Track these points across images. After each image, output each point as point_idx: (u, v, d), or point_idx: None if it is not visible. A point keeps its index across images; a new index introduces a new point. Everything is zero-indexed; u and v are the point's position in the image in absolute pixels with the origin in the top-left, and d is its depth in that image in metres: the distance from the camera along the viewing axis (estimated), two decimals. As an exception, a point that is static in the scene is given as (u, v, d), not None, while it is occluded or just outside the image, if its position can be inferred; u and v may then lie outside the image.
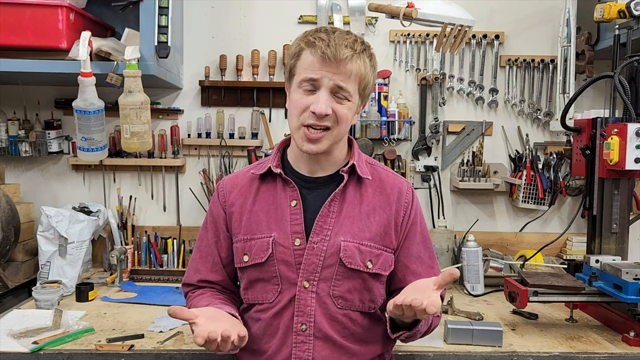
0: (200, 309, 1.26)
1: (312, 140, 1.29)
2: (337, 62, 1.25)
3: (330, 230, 1.34)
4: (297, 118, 1.30)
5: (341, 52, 1.25)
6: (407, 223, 1.41)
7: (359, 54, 1.29)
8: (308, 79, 1.28)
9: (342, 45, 1.25)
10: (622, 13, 2.02)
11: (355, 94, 1.31)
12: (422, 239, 1.44)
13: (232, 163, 2.57)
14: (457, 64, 2.60)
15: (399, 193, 1.41)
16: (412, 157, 2.61)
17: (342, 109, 1.29)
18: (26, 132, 2.47)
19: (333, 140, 1.32)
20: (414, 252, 1.41)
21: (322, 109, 1.26)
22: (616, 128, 1.81)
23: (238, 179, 1.46)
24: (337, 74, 1.27)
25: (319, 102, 1.26)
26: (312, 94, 1.28)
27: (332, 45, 1.25)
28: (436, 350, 1.66)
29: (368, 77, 1.33)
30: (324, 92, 1.27)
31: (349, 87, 1.28)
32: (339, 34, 1.28)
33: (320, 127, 1.29)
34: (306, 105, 1.28)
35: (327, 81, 1.27)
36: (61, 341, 1.65)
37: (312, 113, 1.27)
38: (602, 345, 1.73)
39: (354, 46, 1.27)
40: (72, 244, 2.24)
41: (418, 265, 1.41)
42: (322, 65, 1.26)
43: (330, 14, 2.55)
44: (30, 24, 2.03)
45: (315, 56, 1.27)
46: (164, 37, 2.10)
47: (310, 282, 1.33)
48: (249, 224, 1.38)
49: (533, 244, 2.55)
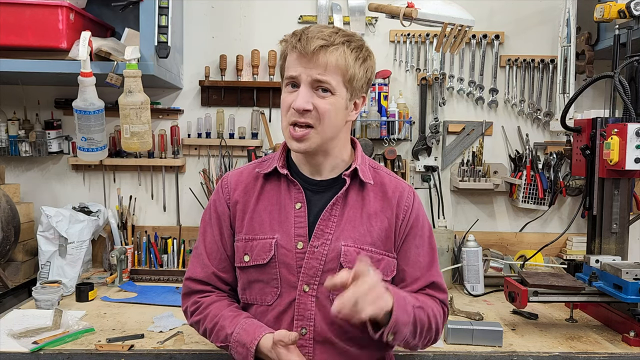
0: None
1: (296, 138, 1.29)
2: (309, 55, 1.24)
3: (332, 235, 1.33)
4: (285, 117, 1.31)
5: (312, 45, 1.23)
6: (406, 227, 1.39)
7: (336, 45, 1.25)
8: (289, 77, 1.28)
9: (314, 38, 1.24)
10: (622, 13, 2.02)
11: (339, 86, 1.28)
12: (422, 242, 1.41)
13: (232, 163, 2.57)
14: (457, 64, 2.60)
15: (399, 197, 1.39)
16: (412, 157, 2.61)
17: (324, 104, 1.27)
18: (26, 132, 2.47)
19: (321, 139, 1.29)
20: (412, 255, 1.39)
21: (300, 104, 1.25)
22: (616, 128, 1.81)
23: (243, 176, 1.43)
24: (312, 68, 1.25)
25: (297, 98, 1.26)
26: (295, 91, 1.28)
27: (304, 39, 1.24)
28: (436, 350, 1.66)
29: (353, 70, 1.28)
30: (303, 87, 1.27)
31: (328, 79, 1.26)
32: (315, 28, 1.27)
33: (302, 123, 1.27)
34: (289, 103, 1.28)
35: (304, 77, 1.26)
36: (61, 341, 1.65)
37: (294, 110, 1.27)
38: (602, 345, 1.73)
39: (329, 38, 1.25)
40: (72, 244, 2.24)
41: (415, 268, 1.39)
42: (299, 61, 1.26)
43: (330, 14, 2.55)
44: (30, 24, 2.03)
45: (293, 54, 1.27)
46: (164, 37, 2.10)
47: (311, 286, 1.32)
48: (252, 223, 1.37)
49: (533, 244, 2.55)
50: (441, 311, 1.39)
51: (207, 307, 1.38)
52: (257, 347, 1.27)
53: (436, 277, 1.41)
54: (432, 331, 1.35)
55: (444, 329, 1.73)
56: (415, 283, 1.39)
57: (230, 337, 1.30)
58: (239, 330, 1.30)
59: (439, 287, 1.41)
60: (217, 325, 1.34)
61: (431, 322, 1.33)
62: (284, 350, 1.25)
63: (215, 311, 1.37)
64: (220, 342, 1.34)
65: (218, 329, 1.33)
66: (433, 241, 1.44)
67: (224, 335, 1.32)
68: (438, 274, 1.42)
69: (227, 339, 1.31)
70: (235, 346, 1.29)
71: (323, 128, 1.28)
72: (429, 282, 1.39)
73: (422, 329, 1.31)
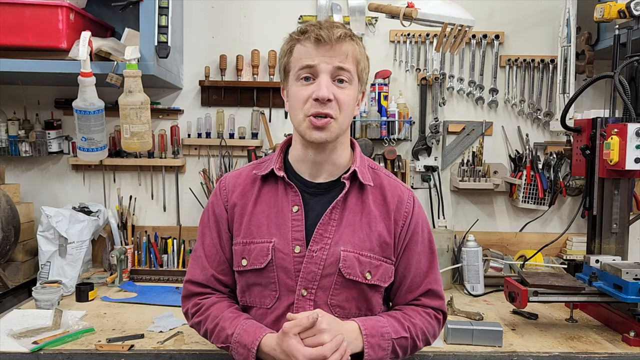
0: None
1: (318, 127, 1.27)
2: (332, 43, 1.25)
3: (331, 239, 1.32)
4: (301, 110, 1.28)
5: (335, 32, 1.25)
6: (407, 234, 1.38)
7: (352, 37, 1.29)
8: (305, 66, 1.27)
9: (333, 27, 1.26)
10: (622, 13, 2.02)
11: (354, 76, 1.30)
12: (423, 249, 1.41)
13: (232, 163, 2.57)
14: (457, 64, 2.60)
15: (399, 202, 1.38)
16: (412, 157, 2.61)
17: (343, 95, 1.28)
18: (26, 132, 2.47)
19: (339, 130, 1.30)
20: (413, 263, 1.39)
21: (324, 92, 1.24)
22: (616, 128, 1.81)
23: (240, 179, 1.43)
24: (334, 56, 1.26)
25: (320, 87, 1.25)
26: (312, 83, 1.27)
27: (325, 28, 1.25)
28: (436, 350, 1.66)
29: (364, 62, 1.32)
30: (324, 76, 1.26)
31: (349, 67, 1.27)
32: (327, 21, 1.29)
33: (323, 114, 1.27)
34: (308, 95, 1.27)
35: (325, 66, 1.26)
36: (61, 341, 1.65)
37: (315, 100, 1.26)
38: (602, 345, 1.73)
39: (345, 28, 1.28)
40: (72, 244, 2.24)
41: (415, 276, 1.39)
42: (318, 50, 1.26)
43: (330, 14, 2.55)
44: (30, 24, 2.03)
45: (309, 43, 1.26)
46: (164, 37, 2.10)
47: (309, 290, 1.31)
48: (249, 226, 1.36)
49: (533, 244, 2.55)
50: (434, 322, 1.40)
51: (207, 309, 1.38)
52: (259, 347, 1.26)
53: (433, 284, 1.41)
54: (418, 347, 1.38)
55: (444, 329, 1.74)
56: (414, 291, 1.40)
57: (231, 337, 1.30)
58: (240, 331, 1.30)
59: (436, 294, 1.41)
60: (218, 327, 1.34)
61: (417, 342, 1.36)
62: (295, 340, 1.20)
63: (216, 312, 1.37)
64: (220, 343, 1.34)
65: (219, 330, 1.33)
66: (433, 245, 1.44)
67: (224, 336, 1.32)
68: (435, 280, 1.42)
69: (227, 340, 1.31)
70: (236, 347, 1.29)
71: (343, 119, 1.30)
72: (426, 289, 1.40)
73: (404, 352, 1.34)
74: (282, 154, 1.42)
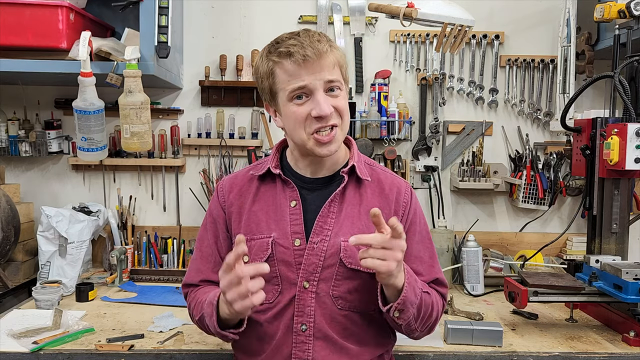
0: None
1: (325, 143, 1.29)
2: (319, 59, 1.25)
3: (331, 231, 1.34)
4: (303, 130, 1.29)
5: (318, 47, 1.25)
6: (406, 223, 1.40)
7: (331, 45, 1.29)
8: (297, 88, 1.26)
9: (314, 41, 1.26)
10: (622, 13, 2.02)
11: (342, 79, 1.32)
12: (422, 238, 1.43)
13: (232, 163, 2.57)
14: (457, 64, 2.60)
15: (397, 193, 1.41)
16: (412, 157, 2.61)
17: (340, 102, 1.30)
18: (26, 132, 2.47)
19: (343, 135, 1.34)
20: (414, 251, 1.41)
21: (325, 110, 1.26)
22: (616, 128, 1.81)
23: (237, 180, 1.45)
24: (322, 71, 1.26)
25: (319, 105, 1.26)
26: (307, 101, 1.28)
27: (307, 45, 1.24)
28: (436, 350, 1.67)
29: (345, 63, 1.34)
30: (320, 94, 1.27)
31: (337, 77, 1.29)
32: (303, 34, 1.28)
33: (328, 127, 1.28)
34: (306, 112, 1.27)
35: (317, 83, 1.26)
36: (61, 341, 1.65)
37: (316, 118, 1.27)
38: (602, 345, 1.73)
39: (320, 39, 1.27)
40: (72, 244, 2.24)
41: (418, 264, 1.40)
42: (306, 69, 1.25)
43: (330, 14, 2.56)
44: (30, 24, 2.03)
45: (295, 64, 1.25)
46: (164, 37, 2.10)
47: (310, 282, 1.32)
48: (249, 224, 1.38)
49: (533, 244, 2.55)
50: (442, 302, 1.42)
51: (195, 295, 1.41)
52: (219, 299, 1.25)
53: (438, 273, 1.43)
54: (432, 318, 1.37)
55: (444, 329, 1.74)
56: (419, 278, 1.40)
57: (204, 303, 1.31)
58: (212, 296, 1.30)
59: (442, 283, 1.44)
60: (198, 304, 1.36)
61: (434, 308, 1.36)
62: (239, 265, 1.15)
63: (203, 291, 1.40)
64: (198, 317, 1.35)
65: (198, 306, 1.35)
66: (430, 235, 1.47)
67: (200, 307, 1.33)
68: (439, 270, 1.45)
69: (202, 309, 1.32)
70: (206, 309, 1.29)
71: (345, 124, 1.32)
72: (433, 278, 1.42)
73: (425, 313, 1.33)
74: (278, 153, 1.45)
